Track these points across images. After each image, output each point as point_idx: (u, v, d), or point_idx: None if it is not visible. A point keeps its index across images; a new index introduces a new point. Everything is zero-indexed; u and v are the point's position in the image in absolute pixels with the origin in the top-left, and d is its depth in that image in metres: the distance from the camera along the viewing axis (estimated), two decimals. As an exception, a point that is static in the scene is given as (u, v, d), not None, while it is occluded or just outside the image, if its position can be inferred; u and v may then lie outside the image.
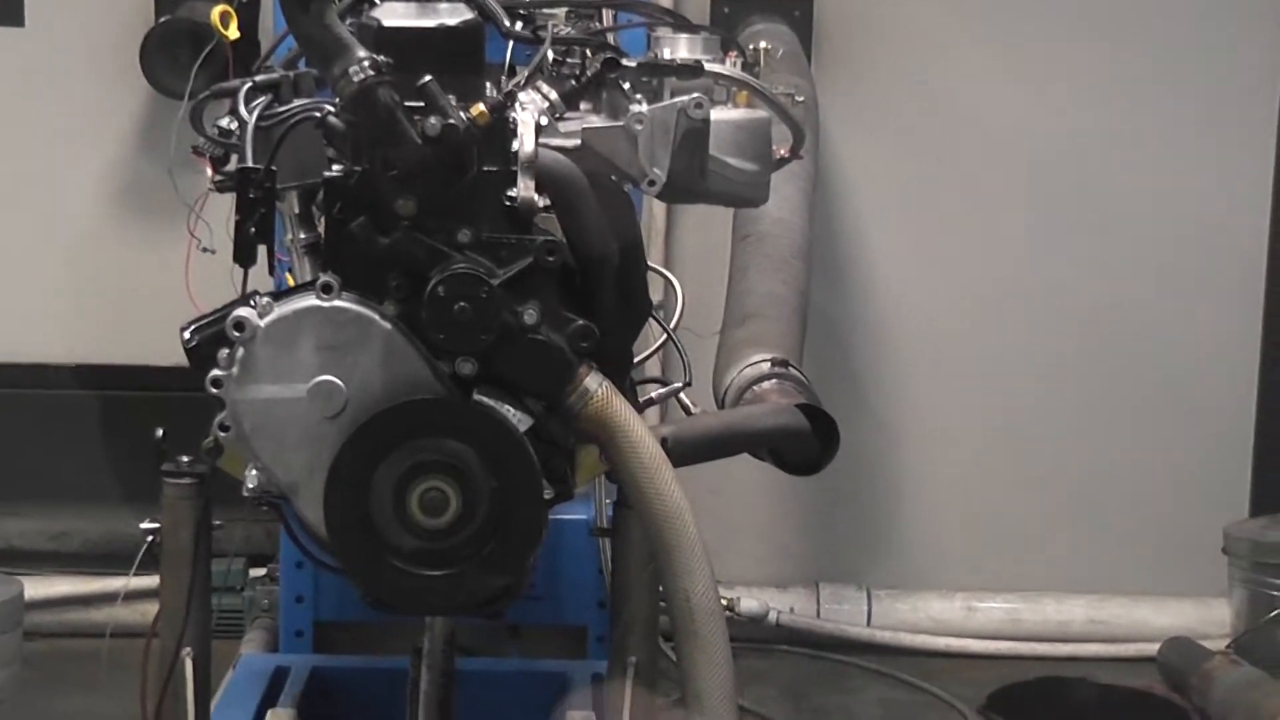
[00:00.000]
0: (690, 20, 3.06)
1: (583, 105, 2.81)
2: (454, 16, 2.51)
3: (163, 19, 4.64)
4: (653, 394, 3.15)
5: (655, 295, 2.98)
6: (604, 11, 3.26)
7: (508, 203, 2.50)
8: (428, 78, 2.43)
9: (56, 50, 4.82)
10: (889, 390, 5.08)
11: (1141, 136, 4.99)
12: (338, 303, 2.48)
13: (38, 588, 4.72)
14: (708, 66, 2.76)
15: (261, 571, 4.40)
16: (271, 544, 4.41)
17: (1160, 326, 5.05)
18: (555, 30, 2.89)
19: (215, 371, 2.49)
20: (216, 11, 3.49)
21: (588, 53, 2.87)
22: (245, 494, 2.55)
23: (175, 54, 4.47)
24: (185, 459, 2.76)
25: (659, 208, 4.83)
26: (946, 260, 5.04)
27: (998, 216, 5.02)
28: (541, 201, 2.52)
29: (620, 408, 2.53)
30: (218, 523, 2.83)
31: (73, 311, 4.90)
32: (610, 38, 2.99)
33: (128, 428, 4.75)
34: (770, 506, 5.10)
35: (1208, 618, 5.00)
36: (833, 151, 4.89)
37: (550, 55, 2.85)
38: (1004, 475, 5.11)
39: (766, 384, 3.27)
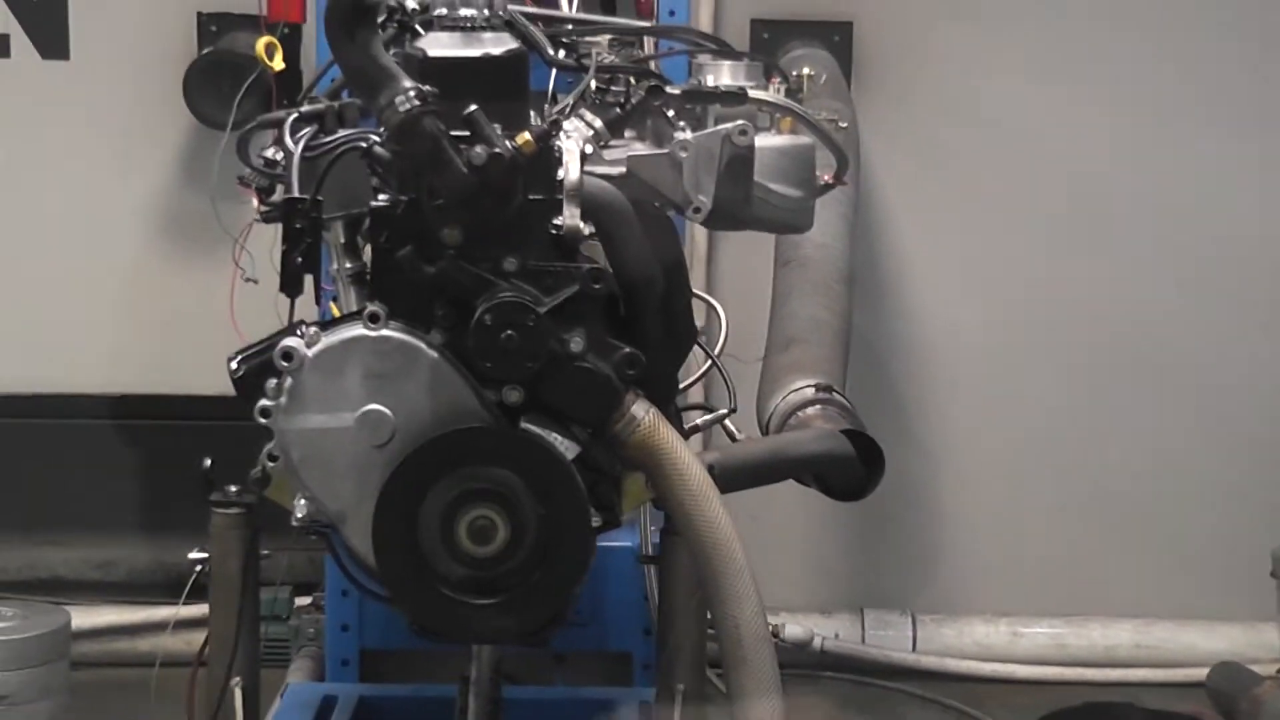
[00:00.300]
0: (732, 46, 3.05)
1: (627, 133, 2.82)
2: (499, 46, 2.52)
3: (205, 50, 4.68)
4: (698, 420, 3.15)
5: (698, 321, 2.98)
6: (646, 39, 3.27)
7: (553, 231, 2.51)
8: (473, 107, 2.44)
9: (101, 82, 4.85)
10: (932, 414, 5.07)
11: (1187, 153, 4.96)
12: (385, 332, 2.49)
13: (84, 617, 4.73)
14: (752, 93, 2.76)
15: (307, 600, 4.40)
16: (316, 572, 4.41)
17: (1208, 347, 5.02)
18: (599, 58, 2.89)
19: (264, 401, 2.51)
20: (261, 43, 3.50)
21: (631, 80, 2.88)
22: (294, 523, 2.56)
23: (218, 85, 4.49)
24: (233, 488, 2.77)
25: (700, 233, 4.83)
26: (988, 282, 5.02)
27: (1040, 238, 5.00)
28: (587, 229, 2.53)
29: (667, 434, 2.54)
30: (265, 552, 2.84)
31: (118, 342, 4.93)
32: (653, 65, 2.99)
33: (172, 457, 4.75)
34: (813, 531, 5.09)
35: (1257, 642, 4.96)
36: (873, 175, 4.88)
37: (594, 83, 2.85)
38: (1048, 498, 5.08)
39: (811, 410, 3.27)
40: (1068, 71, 4.94)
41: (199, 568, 2.82)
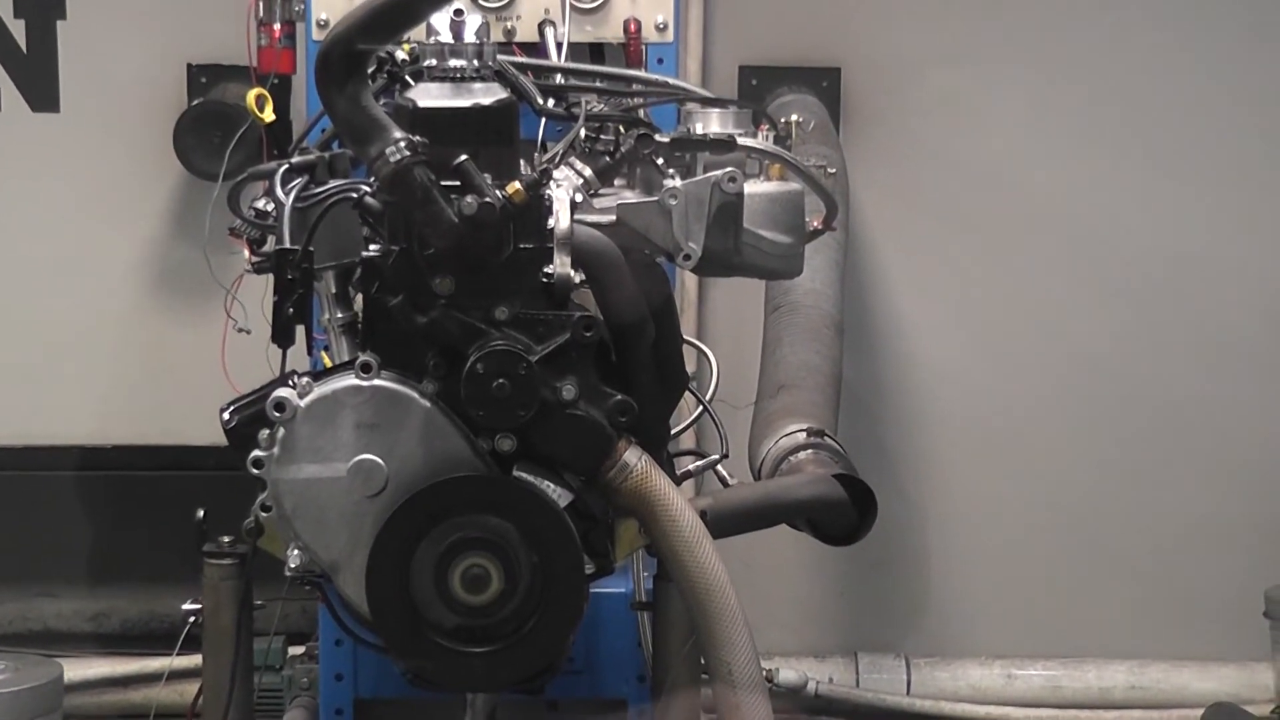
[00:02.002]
0: (718, 97, 3.07)
1: (617, 181, 2.84)
2: (488, 96, 2.54)
3: (195, 102, 4.69)
4: (690, 466, 3.16)
5: (689, 367, 2.99)
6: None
7: (544, 279, 2.52)
8: (463, 157, 2.45)
9: (91, 135, 4.86)
10: (923, 458, 5.07)
11: (1178, 198, 4.99)
12: (377, 382, 2.50)
13: (76, 669, 4.71)
14: (741, 141, 2.78)
15: (300, 649, 4.39)
16: (309, 621, 4.41)
17: (1200, 390, 5.03)
18: (588, 107, 2.91)
19: (256, 452, 2.51)
20: (252, 95, 3.52)
21: (621, 129, 2.89)
22: (287, 573, 2.56)
23: (208, 136, 4.50)
24: (226, 539, 2.77)
25: (690, 279, 4.84)
26: (978, 327, 5.03)
27: (1030, 284, 5.01)
28: (577, 277, 2.54)
29: (659, 481, 2.54)
30: (259, 602, 2.84)
31: (110, 393, 4.92)
32: (642, 113, 3.01)
33: (165, 508, 4.75)
34: (805, 576, 5.09)
35: (1251, 682, 4.96)
36: (862, 220, 4.90)
37: (583, 132, 2.87)
38: (1041, 541, 5.08)
39: (803, 454, 3.27)
40: (1056, 116, 4.96)
41: (192, 619, 2.82)
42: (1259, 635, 4.90)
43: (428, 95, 2.54)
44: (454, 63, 2.56)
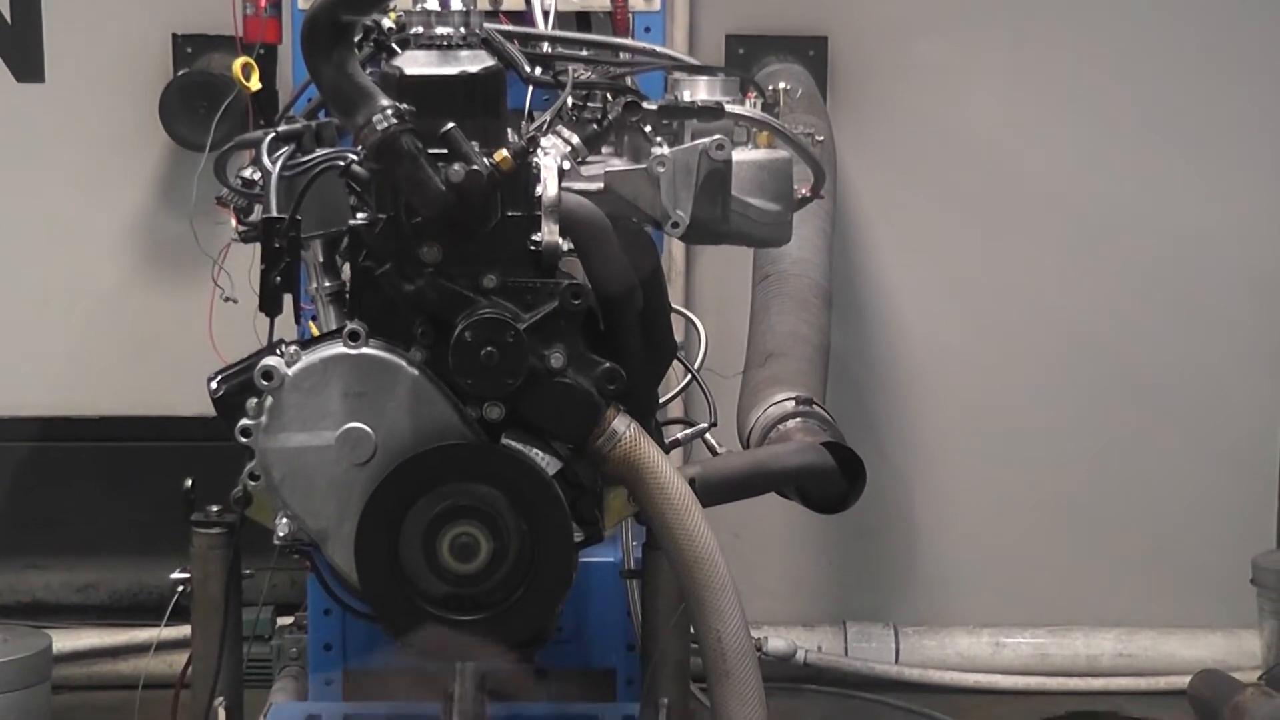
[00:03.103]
0: (706, 64, 3.06)
1: (604, 149, 2.83)
2: (475, 64, 2.53)
3: (181, 72, 4.67)
4: (679, 435, 3.16)
5: (677, 336, 2.99)
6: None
7: (532, 247, 2.51)
8: (450, 125, 2.44)
9: (76, 105, 4.84)
10: (911, 427, 5.08)
11: (1159, 169, 4.99)
12: (365, 350, 2.50)
13: (65, 640, 4.71)
14: (729, 108, 2.77)
15: (289, 619, 4.40)
16: (296, 592, 4.41)
17: (1184, 358, 5.04)
18: (575, 75, 2.90)
19: (244, 421, 2.51)
20: (238, 64, 3.51)
21: (608, 96, 2.89)
22: (276, 542, 2.56)
23: (194, 106, 4.49)
24: (214, 509, 2.77)
25: (678, 248, 4.84)
26: (965, 295, 5.03)
27: (1015, 253, 5.01)
28: (565, 245, 2.54)
29: (648, 449, 2.54)
30: (248, 571, 2.84)
31: (97, 364, 4.91)
32: (629, 81, 3.00)
33: (152, 479, 4.76)
34: (794, 545, 5.09)
35: (1238, 649, 4.98)
36: (849, 189, 4.90)
37: (570, 99, 2.86)
38: (1029, 509, 5.09)
39: (791, 423, 3.27)
40: (1043, 85, 4.96)
41: (181, 588, 2.82)
42: (1246, 603, 4.92)
43: (414, 63, 2.53)
44: (441, 30, 2.55)
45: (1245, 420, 5.06)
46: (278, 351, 2.51)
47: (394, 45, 2.88)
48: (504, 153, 2.45)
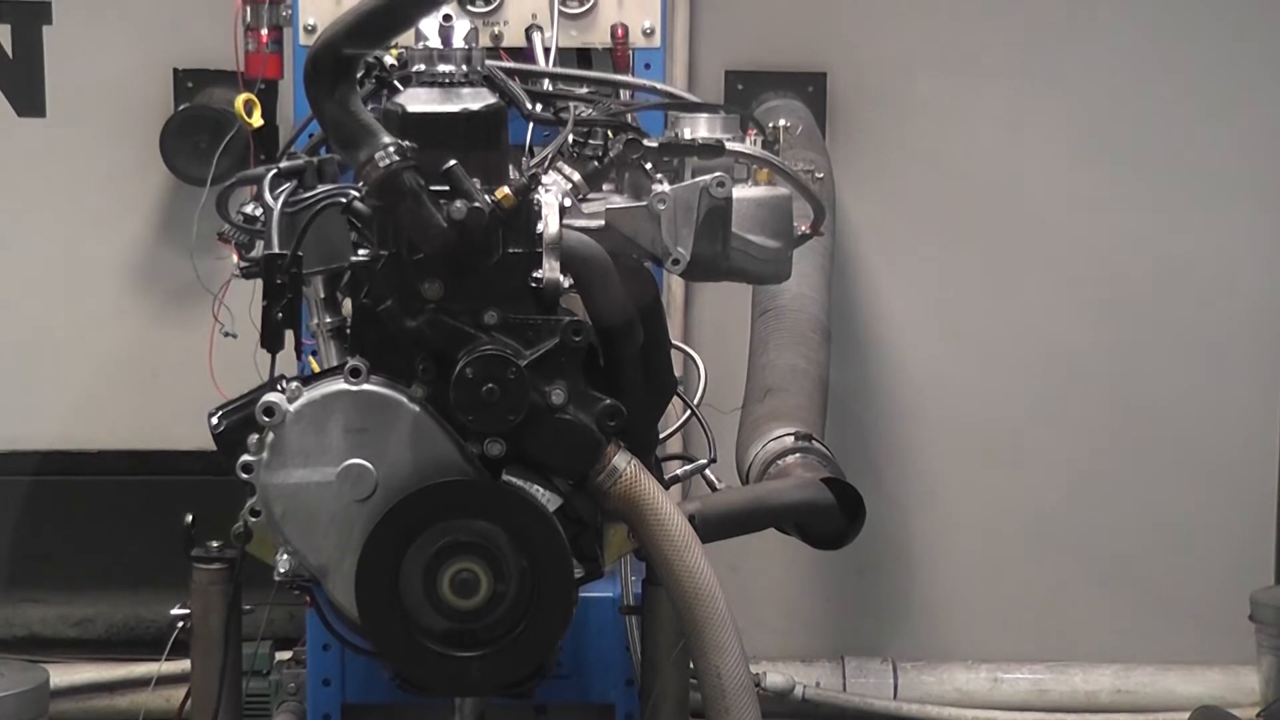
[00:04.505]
0: (705, 101, 3.08)
1: (605, 185, 2.84)
2: (477, 101, 2.54)
3: (181, 107, 4.69)
4: (678, 471, 3.16)
5: (677, 371, 3.00)
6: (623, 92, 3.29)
7: (533, 284, 2.52)
8: (452, 162, 2.45)
9: (77, 139, 4.85)
10: (910, 463, 5.08)
11: (1156, 203, 5.00)
12: (366, 386, 2.50)
13: (62, 675, 4.70)
14: (729, 145, 2.78)
15: (288, 654, 4.39)
16: (295, 627, 4.40)
17: (1183, 394, 5.04)
18: (576, 112, 2.91)
19: (245, 456, 2.51)
20: (240, 99, 3.52)
21: (609, 133, 2.90)
22: (276, 578, 2.56)
23: (195, 141, 4.50)
24: (215, 544, 2.77)
25: (677, 283, 4.85)
26: (964, 331, 5.04)
27: (1015, 287, 5.03)
28: (566, 281, 2.54)
29: (648, 486, 2.55)
30: (247, 607, 2.84)
31: (97, 397, 4.92)
32: (630, 118, 3.02)
33: (150, 512, 4.76)
34: (792, 580, 5.09)
35: (1236, 686, 4.98)
36: (848, 225, 4.91)
37: (571, 136, 2.87)
38: (1027, 544, 5.09)
39: (790, 458, 3.28)
40: (1042, 121, 4.97)
41: (181, 624, 2.82)
42: (1245, 639, 4.91)
43: (416, 100, 2.54)
44: (442, 68, 2.56)
45: (1243, 455, 5.07)
46: (279, 387, 2.52)
47: (396, 82, 2.90)
48: (506, 190, 2.46)
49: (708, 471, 3.15)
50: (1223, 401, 5.06)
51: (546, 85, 3.16)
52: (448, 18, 2.60)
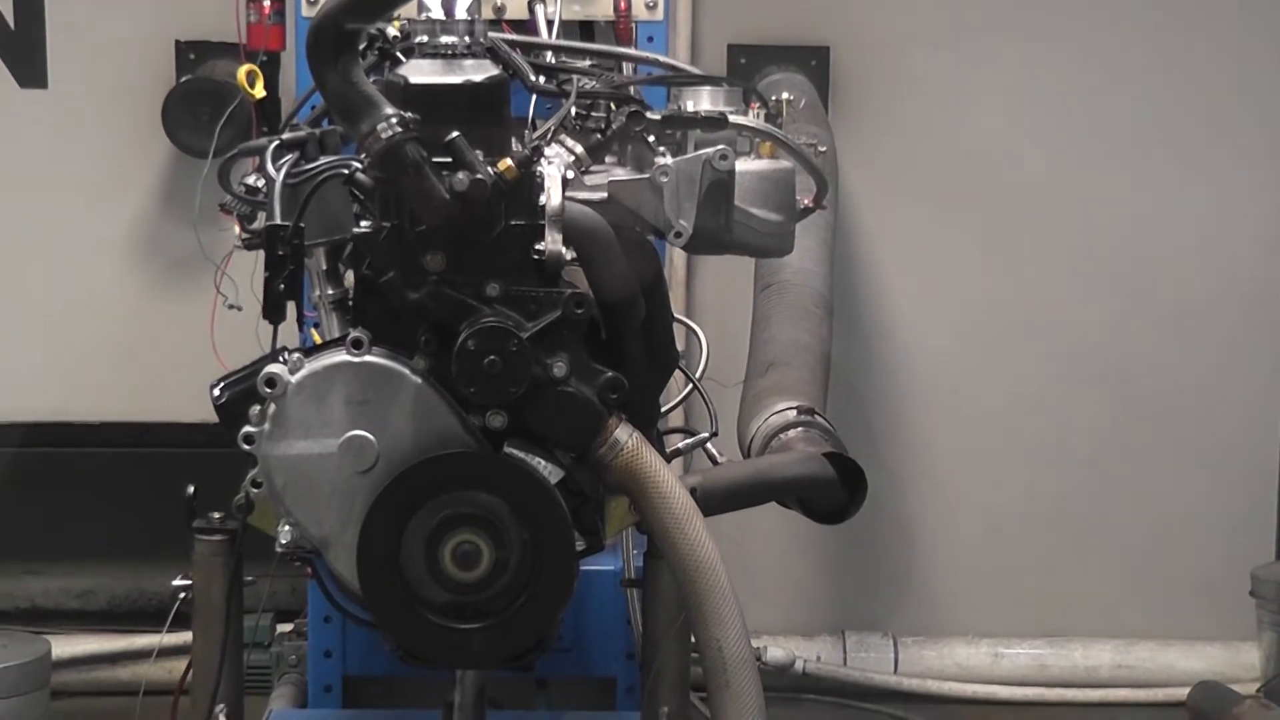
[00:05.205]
0: (709, 74, 3.07)
1: (608, 158, 2.83)
2: (480, 73, 2.53)
3: (183, 78, 4.68)
4: (680, 444, 3.16)
5: (679, 345, 3.00)
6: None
7: (535, 256, 2.52)
8: (455, 133, 2.45)
9: (79, 111, 4.85)
10: (911, 438, 5.08)
11: (1156, 179, 5.00)
12: (368, 358, 2.50)
13: (64, 646, 4.71)
14: (732, 118, 2.78)
15: (289, 627, 4.40)
16: (296, 599, 4.41)
17: (1184, 369, 5.05)
18: (579, 84, 2.91)
19: (247, 428, 2.51)
20: (243, 71, 3.51)
21: (612, 106, 2.89)
22: (278, 550, 2.56)
23: (197, 113, 4.50)
24: (216, 515, 2.77)
25: (679, 257, 4.84)
26: (965, 305, 5.04)
27: (1015, 263, 5.02)
28: (568, 254, 2.54)
29: (650, 459, 2.55)
30: (249, 578, 2.84)
31: (99, 369, 4.92)
32: (633, 90, 3.01)
33: (152, 485, 4.76)
34: (794, 554, 5.10)
35: (1236, 661, 4.99)
36: (851, 200, 4.90)
37: (574, 109, 2.87)
38: (1028, 520, 5.10)
39: (792, 432, 3.27)
40: (1044, 96, 4.97)
41: (182, 595, 2.82)
42: (1245, 614, 4.92)
43: (419, 72, 2.53)
44: (445, 39, 2.55)
45: (1244, 431, 5.07)
46: (281, 359, 2.51)
47: (398, 54, 2.90)
48: (508, 162, 2.46)
49: (709, 445, 3.15)
50: (1224, 379, 5.06)
51: (549, 58, 3.16)
52: (450, -11, 2.59)
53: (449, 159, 2.45)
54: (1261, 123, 4.99)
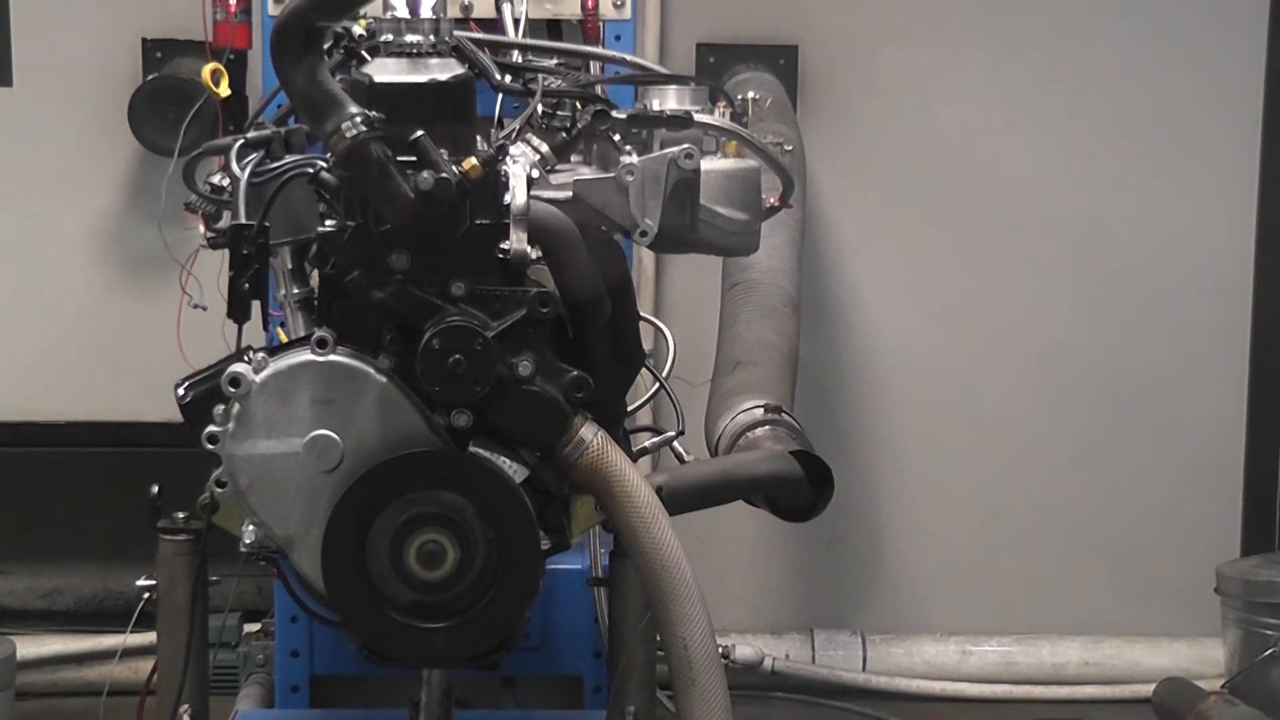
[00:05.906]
0: (676, 73, 3.07)
1: (573, 157, 2.83)
2: (445, 71, 2.53)
3: (150, 77, 4.66)
4: (646, 443, 3.16)
5: (646, 344, 3.00)
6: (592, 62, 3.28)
7: (500, 255, 2.51)
8: (419, 132, 2.45)
9: (45, 109, 4.83)
10: (879, 436, 5.09)
11: (1126, 177, 5.02)
12: (333, 357, 2.50)
13: (29, 647, 4.69)
14: (697, 117, 2.78)
15: (256, 626, 4.39)
16: (263, 599, 4.40)
17: (1150, 367, 5.07)
18: (545, 83, 2.91)
19: (211, 427, 2.50)
20: (208, 69, 3.51)
21: (577, 105, 2.89)
22: (242, 549, 2.55)
23: (163, 111, 4.48)
24: (181, 515, 2.76)
25: (647, 256, 4.84)
26: (934, 304, 5.05)
27: (984, 260, 5.04)
28: (534, 253, 2.54)
29: (616, 458, 2.55)
30: (214, 578, 2.83)
31: (63, 368, 4.90)
32: (599, 89, 3.01)
33: (119, 484, 4.74)
34: (762, 553, 5.10)
35: (1202, 658, 5.00)
36: (820, 199, 4.91)
37: (540, 108, 2.87)
38: (996, 517, 5.11)
39: (759, 431, 3.28)
40: (1013, 94, 4.98)
41: (147, 595, 2.81)
42: (1210, 611, 4.94)
43: (384, 70, 2.53)
44: (410, 38, 2.55)
45: (1211, 429, 5.09)
46: (245, 358, 2.51)
47: (364, 52, 2.89)
48: (473, 161, 2.45)
49: (676, 444, 3.15)
50: (1192, 376, 5.08)
51: (516, 57, 3.15)
52: (416, -12, 2.59)
53: (414, 158, 2.44)
54: (1233, 123, 5.01)
